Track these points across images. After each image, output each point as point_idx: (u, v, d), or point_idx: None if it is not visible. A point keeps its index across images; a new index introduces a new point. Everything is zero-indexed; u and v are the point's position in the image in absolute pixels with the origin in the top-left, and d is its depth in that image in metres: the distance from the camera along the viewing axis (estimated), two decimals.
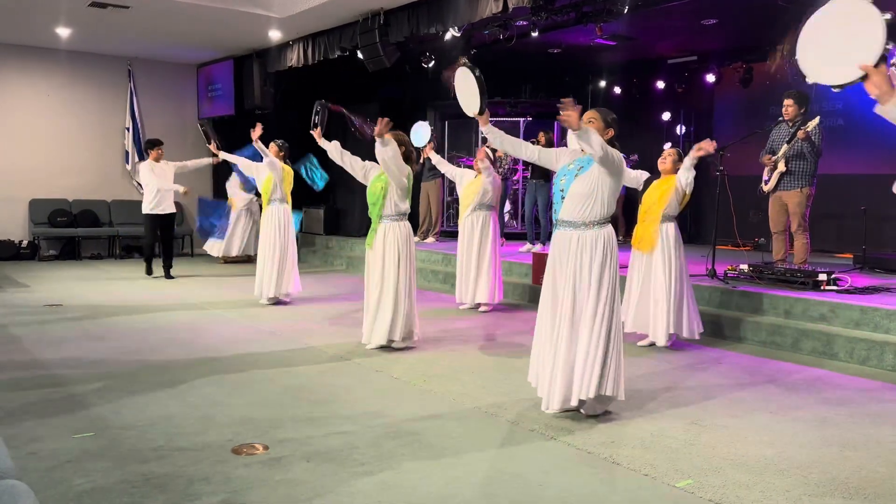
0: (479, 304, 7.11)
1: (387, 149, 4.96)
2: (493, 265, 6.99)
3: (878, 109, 2.13)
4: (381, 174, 5.28)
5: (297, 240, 7.57)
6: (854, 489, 2.97)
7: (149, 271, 9.20)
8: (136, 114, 11.93)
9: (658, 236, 5.40)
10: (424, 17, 8.02)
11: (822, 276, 6.01)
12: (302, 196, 7.63)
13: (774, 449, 3.41)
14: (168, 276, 9.02)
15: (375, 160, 5.18)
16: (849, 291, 5.89)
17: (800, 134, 6.41)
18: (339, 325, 6.31)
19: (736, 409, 4.04)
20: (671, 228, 5.43)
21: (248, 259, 10.65)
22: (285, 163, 7.44)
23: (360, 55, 8.86)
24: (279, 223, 7.20)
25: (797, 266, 6.50)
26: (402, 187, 5.24)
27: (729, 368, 4.96)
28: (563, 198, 3.74)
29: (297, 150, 7.72)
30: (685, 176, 5.33)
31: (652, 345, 5.50)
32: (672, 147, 5.86)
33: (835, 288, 5.93)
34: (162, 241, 9.03)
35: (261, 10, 8.83)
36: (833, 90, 2.30)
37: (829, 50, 2.27)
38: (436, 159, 7.42)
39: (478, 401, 4.12)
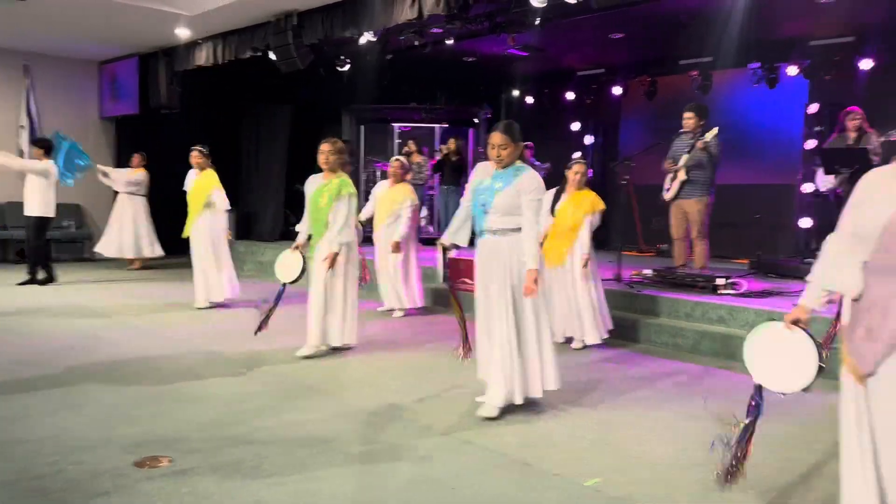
0: (392, 309, 7.10)
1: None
2: (411, 273, 7.01)
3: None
4: (326, 185, 5.26)
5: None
6: (750, 484, 3.12)
7: (50, 278, 8.69)
8: (33, 112, 11.26)
9: (568, 254, 5.60)
10: (339, 19, 7.96)
11: (720, 281, 6.32)
12: None
13: (677, 446, 3.56)
14: (38, 281, 8.58)
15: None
16: (745, 295, 6.21)
17: (698, 145, 6.73)
18: (250, 332, 6.14)
19: (642, 408, 4.19)
20: (585, 242, 5.60)
21: (148, 262, 10.24)
22: (211, 166, 7.26)
23: (272, 56, 8.69)
24: (210, 229, 7.08)
25: (697, 271, 6.81)
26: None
27: (635, 369, 5.14)
28: (485, 211, 3.95)
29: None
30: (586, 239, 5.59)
31: (584, 347, 5.69)
32: (581, 161, 5.88)
33: (732, 292, 6.25)
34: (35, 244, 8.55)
35: (168, 7, 8.53)
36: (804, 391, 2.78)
37: (780, 363, 2.79)
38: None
39: (394, 406, 4.11)
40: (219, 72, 10.12)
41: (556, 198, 5.69)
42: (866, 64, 8.46)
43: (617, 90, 11.08)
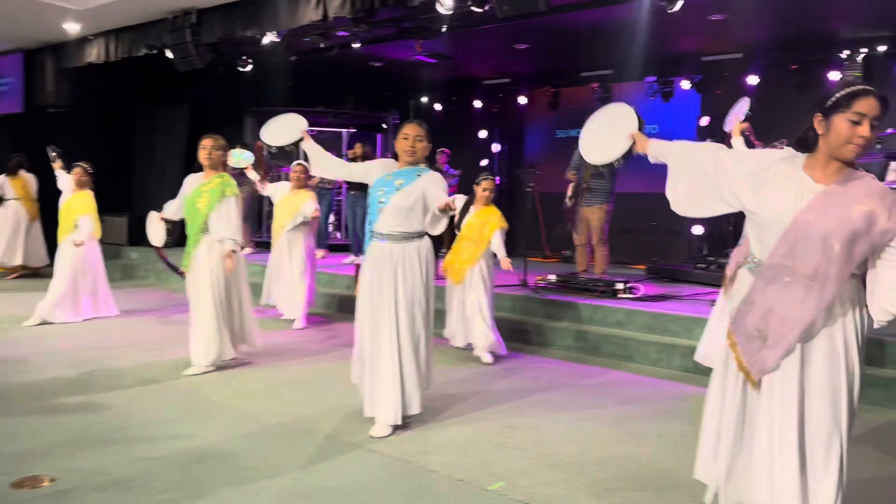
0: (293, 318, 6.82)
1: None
2: (311, 281, 6.79)
3: (652, 159, 2.81)
4: (206, 185, 4.85)
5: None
6: (647, 481, 3.22)
7: None
8: None
9: (469, 273, 5.45)
10: (240, 18, 7.73)
11: (619, 286, 6.53)
12: (102, 203, 7.00)
13: (578, 447, 3.62)
14: None
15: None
16: (642, 299, 6.44)
17: None
18: (142, 343, 5.84)
19: (544, 411, 4.25)
20: (489, 255, 5.53)
21: (33, 271, 9.59)
22: (91, 187, 6.83)
23: (169, 54, 8.35)
24: (77, 254, 6.63)
25: (598, 276, 7.01)
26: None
27: (538, 372, 5.21)
28: (380, 210, 3.72)
29: (96, 149, 7.09)
30: (497, 245, 5.45)
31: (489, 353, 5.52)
32: (490, 177, 5.73)
33: (630, 296, 6.46)
34: None
35: (55, 0, 8.05)
36: (616, 164, 3.05)
37: (604, 139, 3.06)
38: (253, 176, 7.14)
39: (294, 416, 3.99)
40: (111, 69, 9.63)
41: (465, 211, 5.62)
42: (753, 79, 8.98)
43: (522, 100, 11.30)
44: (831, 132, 2.19)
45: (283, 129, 4.27)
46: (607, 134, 3.04)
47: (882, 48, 7.87)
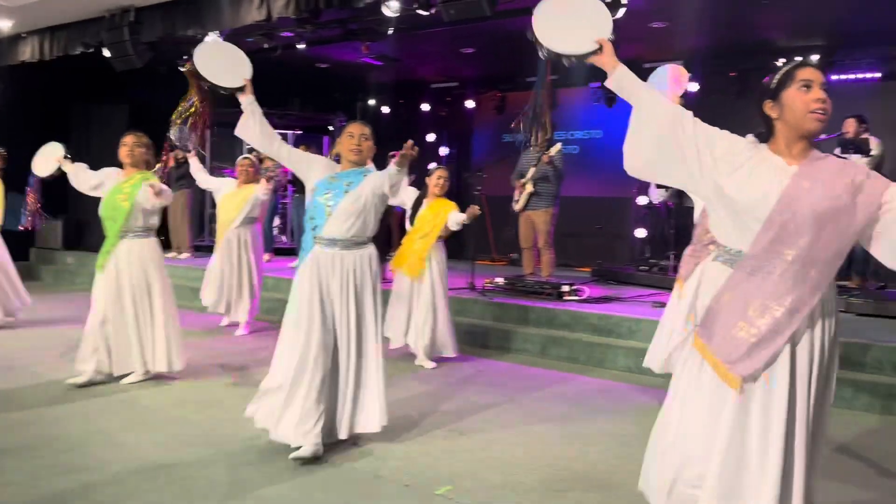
0: (237, 324, 6.59)
1: (162, 199, 4.59)
2: (257, 285, 6.58)
3: (613, 84, 2.35)
4: (127, 182, 4.62)
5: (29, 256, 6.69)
6: (592, 481, 3.26)
7: None
8: None
9: (427, 263, 5.38)
10: (181, 17, 7.55)
11: (565, 288, 6.61)
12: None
13: (525, 449, 3.64)
14: None
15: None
16: (587, 301, 6.53)
17: (544, 158, 7.04)
18: (70, 353, 5.62)
19: (491, 414, 4.26)
20: (441, 247, 5.48)
21: None
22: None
23: (106, 53, 8.10)
24: None
25: (544, 279, 7.08)
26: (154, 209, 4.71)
27: (485, 375, 5.22)
28: (328, 214, 3.48)
29: (34, 149, 6.79)
30: (457, 222, 5.35)
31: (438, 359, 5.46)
32: (442, 167, 5.71)
33: (575, 298, 6.55)
34: None
35: None
36: (566, 61, 2.49)
37: (565, 26, 2.48)
38: (195, 167, 6.82)
39: (238, 425, 3.90)
40: (48, 68, 9.29)
41: (417, 205, 5.50)
42: (693, 86, 9.20)
43: (469, 103, 11.35)
44: (786, 109, 2.12)
45: (229, 69, 3.75)
46: (574, 22, 2.44)
47: (815, 56, 8.17)
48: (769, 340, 2.04)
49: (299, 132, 11.42)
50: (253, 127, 3.58)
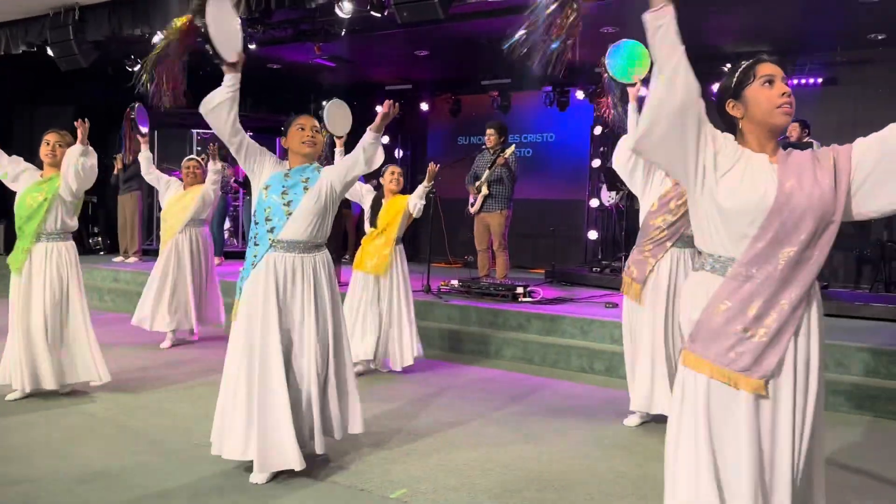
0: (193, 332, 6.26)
1: (88, 157, 4.30)
2: (216, 287, 6.31)
3: (654, 18, 2.15)
4: (46, 183, 4.33)
5: None
6: (547, 481, 3.29)
7: None
8: None
9: (392, 259, 5.19)
10: (128, 16, 7.39)
11: (520, 290, 6.66)
12: None
13: (480, 451, 3.65)
14: None
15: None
16: (541, 302, 6.59)
17: (499, 160, 7.08)
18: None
19: (445, 416, 4.26)
20: (401, 249, 5.32)
21: None
22: None
23: (50, 52, 7.87)
24: None
25: (499, 281, 7.12)
26: (77, 197, 4.42)
27: (439, 377, 5.22)
28: (287, 214, 3.21)
29: None
30: (418, 202, 5.16)
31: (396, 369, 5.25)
32: (394, 164, 5.54)
33: (530, 300, 6.61)
34: None
35: None
36: None
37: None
38: (145, 155, 6.36)
39: (187, 432, 3.82)
40: None
41: (377, 206, 5.23)
42: (642, 91, 9.36)
43: (424, 106, 11.36)
44: (751, 106, 2.05)
45: (226, 38, 3.34)
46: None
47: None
48: (779, 338, 1.97)
49: (251, 133, 11.22)
50: (228, 111, 3.22)
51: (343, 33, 7.26)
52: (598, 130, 9.84)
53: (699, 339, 2.03)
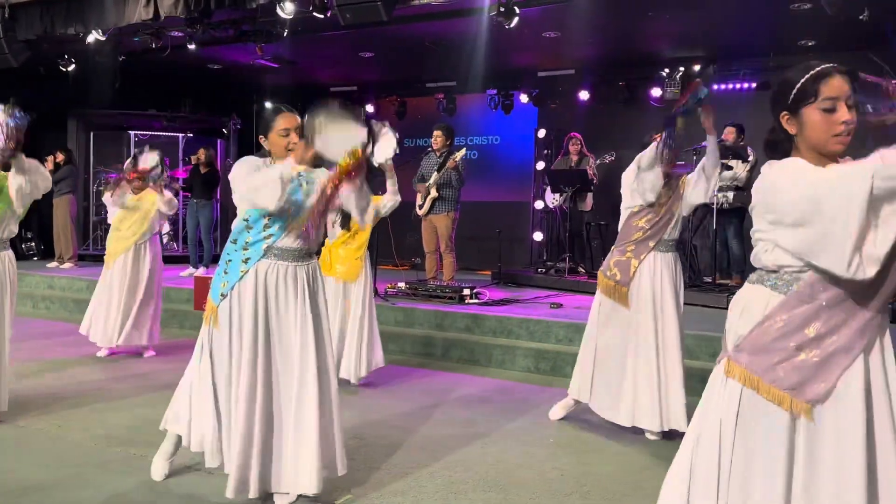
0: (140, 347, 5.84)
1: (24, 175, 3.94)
2: (158, 299, 5.96)
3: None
4: None
5: None
6: (492, 481, 3.31)
7: None
8: None
9: (363, 265, 4.99)
10: (61, 15, 7.16)
11: (467, 291, 6.69)
12: None
13: (426, 453, 3.65)
14: None
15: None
16: (487, 304, 6.63)
17: (450, 164, 7.11)
18: None
19: (392, 419, 4.25)
20: (369, 255, 5.14)
21: None
22: None
23: None
24: None
25: (446, 282, 7.14)
26: (24, 207, 4.11)
27: (386, 381, 5.19)
28: (296, 214, 2.94)
29: None
30: (390, 202, 5.07)
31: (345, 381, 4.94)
32: None
33: (476, 301, 6.64)
34: None
35: None
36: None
37: None
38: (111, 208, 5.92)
39: (126, 444, 3.72)
40: None
41: (346, 218, 4.81)
42: (584, 95, 9.55)
43: (369, 108, 11.30)
44: (807, 129, 1.86)
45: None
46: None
47: (697, 67, 8.65)
48: (837, 359, 1.80)
49: (191, 135, 11.03)
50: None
51: (285, 34, 7.17)
52: (541, 133, 9.96)
53: (746, 351, 1.90)
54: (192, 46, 7.65)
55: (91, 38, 7.46)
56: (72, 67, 8.71)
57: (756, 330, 1.89)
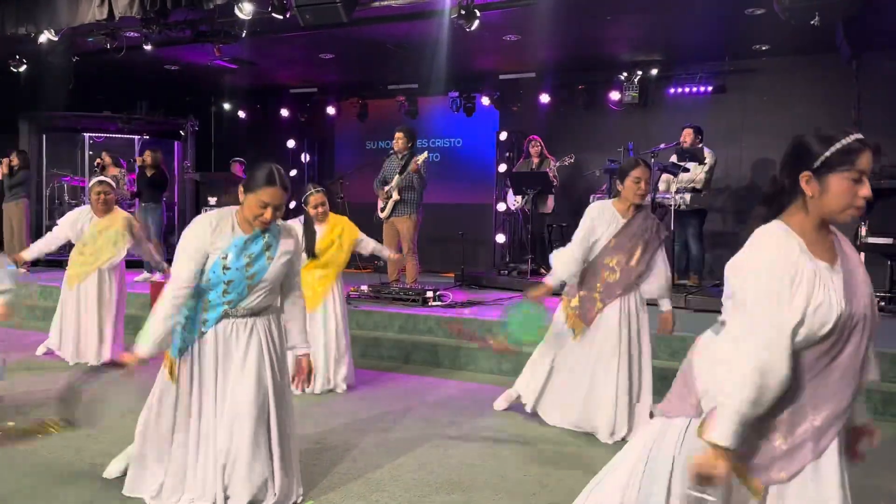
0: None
1: None
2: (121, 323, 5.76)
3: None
4: None
5: None
6: (455, 483, 3.30)
7: None
8: None
9: (330, 292, 4.91)
10: (12, 15, 6.98)
11: (430, 294, 6.68)
12: None
13: (389, 457, 3.63)
14: None
15: None
16: (451, 306, 6.63)
17: (412, 167, 7.08)
18: None
19: (354, 423, 4.21)
20: (340, 285, 5.04)
21: None
22: None
23: None
24: None
25: (409, 285, 7.12)
26: None
27: (347, 384, 5.15)
28: (251, 285, 2.90)
29: None
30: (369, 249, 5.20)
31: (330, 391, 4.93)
32: (314, 192, 4.84)
33: (440, 303, 6.64)
34: None
35: None
36: None
37: None
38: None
39: (79, 455, 3.62)
40: None
41: (311, 234, 4.69)
42: (545, 98, 9.62)
43: (330, 110, 11.23)
44: (829, 195, 1.81)
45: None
46: None
47: (654, 71, 8.79)
48: (800, 449, 1.82)
49: (147, 137, 10.82)
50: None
51: (244, 35, 7.08)
52: (503, 136, 10.01)
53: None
54: (148, 47, 7.50)
55: (43, 38, 7.27)
56: (23, 68, 8.48)
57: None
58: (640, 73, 8.74)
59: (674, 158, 7.24)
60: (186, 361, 2.91)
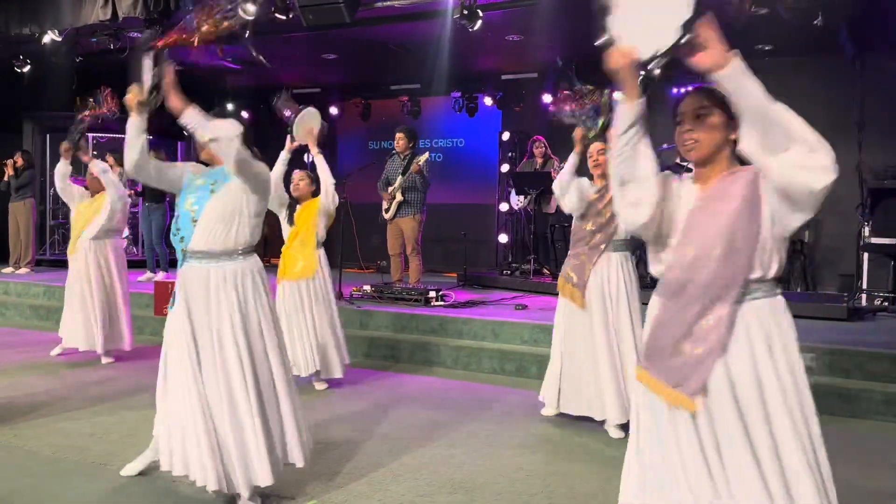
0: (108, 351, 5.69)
1: None
2: (126, 303, 5.81)
3: (728, 83, 1.87)
4: None
5: None
6: (458, 484, 3.31)
7: None
8: None
9: (318, 262, 4.96)
10: (16, 15, 7.01)
11: (433, 294, 6.69)
12: None
13: (391, 457, 3.64)
14: None
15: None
16: (454, 306, 6.64)
17: (413, 168, 7.09)
18: None
19: (357, 423, 4.22)
20: (324, 255, 5.08)
21: None
22: None
23: None
24: None
25: (412, 285, 7.13)
26: None
27: (351, 384, 5.16)
28: (193, 221, 2.96)
29: None
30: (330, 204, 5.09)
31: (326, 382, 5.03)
32: (300, 171, 5.36)
33: (442, 303, 6.64)
34: None
35: None
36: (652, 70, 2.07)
37: (649, 21, 1.92)
38: (60, 182, 5.86)
39: (82, 454, 3.63)
40: None
41: (292, 208, 5.06)
42: (548, 98, 9.60)
43: (333, 110, 11.25)
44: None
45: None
46: (653, 13, 1.88)
47: (657, 71, 8.76)
48: (708, 356, 2.00)
49: (150, 137, 10.79)
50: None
51: (247, 35, 7.09)
52: (506, 136, 10.01)
53: (646, 355, 2.18)
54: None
55: (47, 39, 7.30)
56: (27, 68, 8.51)
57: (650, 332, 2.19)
58: (642, 73, 8.72)
59: (678, 159, 7.24)
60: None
